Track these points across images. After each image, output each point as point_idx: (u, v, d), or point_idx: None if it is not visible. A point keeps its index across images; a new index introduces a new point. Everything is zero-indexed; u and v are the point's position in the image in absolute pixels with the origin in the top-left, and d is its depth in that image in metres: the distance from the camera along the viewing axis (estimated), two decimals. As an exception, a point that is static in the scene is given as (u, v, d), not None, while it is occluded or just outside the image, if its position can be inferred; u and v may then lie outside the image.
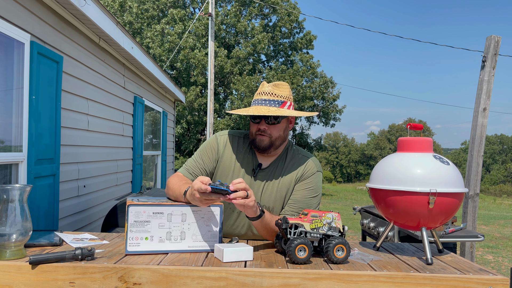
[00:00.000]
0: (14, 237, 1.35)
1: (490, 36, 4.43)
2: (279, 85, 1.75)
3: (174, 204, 1.52)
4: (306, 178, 1.79)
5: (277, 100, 1.72)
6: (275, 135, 1.75)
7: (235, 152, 1.82)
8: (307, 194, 1.78)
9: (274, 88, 1.74)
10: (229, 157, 1.81)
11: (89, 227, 4.50)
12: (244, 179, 1.75)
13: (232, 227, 1.86)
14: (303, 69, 19.77)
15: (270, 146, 1.76)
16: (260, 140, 1.75)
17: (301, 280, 1.31)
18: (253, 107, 1.73)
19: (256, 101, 1.75)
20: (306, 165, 1.81)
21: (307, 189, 1.79)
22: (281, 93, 1.73)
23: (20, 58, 3.01)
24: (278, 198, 1.79)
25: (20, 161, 3.02)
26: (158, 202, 1.52)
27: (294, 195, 1.79)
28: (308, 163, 1.82)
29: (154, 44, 18.80)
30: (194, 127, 19.22)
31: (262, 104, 1.72)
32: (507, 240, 8.62)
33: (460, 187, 1.53)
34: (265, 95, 1.73)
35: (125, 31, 4.90)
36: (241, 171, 1.80)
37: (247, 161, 1.81)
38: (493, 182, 50.29)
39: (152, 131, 7.60)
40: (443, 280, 1.33)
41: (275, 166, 1.81)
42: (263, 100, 1.72)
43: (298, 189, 1.79)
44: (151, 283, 1.30)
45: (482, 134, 4.40)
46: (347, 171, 60.49)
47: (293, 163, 1.82)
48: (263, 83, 1.79)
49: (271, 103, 1.71)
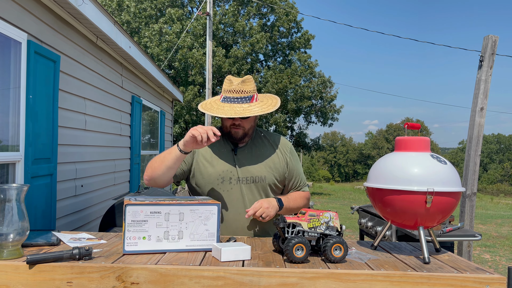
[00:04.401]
0: (11, 236, 1.34)
1: (487, 35, 4.44)
2: (246, 81, 1.90)
3: (171, 204, 1.52)
4: (290, 152, 2.04)
5: (247, 97, 1.89)
6: (247, 126, 1.93)
7: (210, 144, 1.96)
8: (297, 164, 2.05)
9: (242, 85, 1.88)
10: (204, 149, 1.96)
11: (87, 227, 4.49)
12: (226, 159, 1.94)
13: (234, 222, 1.93)
14: (301, 68, 19.78)
15: (245, 136, 1.95)
16: (235, 133, 1.92)
17: (299, 279, 1.31)
18: (228, 106, 1.87)
19: (227, 98, 1.89)
20: (282, 141, 2.05)
21: (296, 161, 2.05)
22: (249, 88, 1.89)
23: (17, 57, 3.00)
24: (269, 168, 1.96)
25: (17, 160, 3.01)
26: (155, 201, 1.52)
27: (291, 172, 2.02)
28: (282, 140, 2.06)
29: (152, 43, 18.77)
30: (192, 126, 19.21)
31: (234, 102, 1.87)
32: (504, 239, 8.65)
33: (457, 186, 1.54)
34: (235, 93, 1.88)
35: (122, 31, 4.90)
36: (220, 155, 1.95)
37: (224, 145, 1.98)
38: (490, 181, 50.44)
39: (150, 131, 7.59)
40: (440, 279, 1.33)
41: (252, 146, 2.00)
42: (234, 98, 1.88)
43: (292, 167, 2.02)
44: (148, 283, 1.30)
45: (480, 134, 4.41)
46: (345, 171, 60.57)
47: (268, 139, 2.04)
48: (230, 79, 1.90)
49: (242, 100, 1.88)
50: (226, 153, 1.95)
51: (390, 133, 57.97)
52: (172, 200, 1.56)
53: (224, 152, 1.96)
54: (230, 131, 1.93)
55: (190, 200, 1.58)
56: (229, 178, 1.91)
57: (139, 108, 6.39)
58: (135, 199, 1.52)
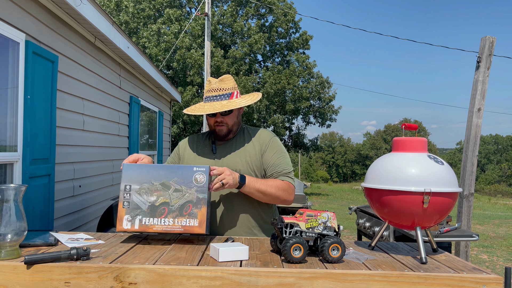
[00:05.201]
0: (9, 237, 1.34)
1: (485, 36, 4.45)
2: (224, 79, 1.98)
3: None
4: (268, 143, 2.03)
5: (226, 94, 1.96)
6: (231, 123, 2.00)
7: (194, 144, 2.11)
8: (275, 156, 2.01)
9: (220, 83, 1.96)
10: (189, 150, 2.10)
11: (85, 227, 4.49)
12: (207, 156, 2.03)
13: (226, 224, 1.95)
14: (300, 69, 19.79)
15: (229, 133, 2.03)
16: (219, 130, 2.01)
17: (297, 279, 1.32)
18: (208, 105, 1.96)
19: (207, 98, 1.98)
20: (262, 134, 2.07)
21: (276, 151, 2.02)
22: (227, 86, 1.97)
23: (15, 58, 2.99)
24: (246, 163, 1.99)
25: (15, 161, 3.01)
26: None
27: (266, 162, 2.00)
28: (259, 131, 2.09)
29: (150, 44, 18.76)
30: (190, 127, 19.20)
31: (214, 100, 1.95)
32: (501, 239, 8.67)
33: (454, 186, 1.54)
34: (214, 91, 1.96)
35: (121, 31, 4.89)
36: (203, 153, 2.05)
37: (205, 144, 2.09)
38: (488, 182, 50.54)
39: (148, 131, 7.58)
40: (437, 279, 1.34)
41: (233, 141, 2.05)
42: (213, 97, 1.96)
43: (267, 157, 2.00)
44: (146, 283, 1.30)
45: (477, 134, 4.42)
46: (343, 171, 60.61)
47: (249, 134, 2.08)
48: (209, 80, 2.00)
49: (221, 97, 1.95)
50: (207, 151, 2.05)
51: (388, 134, 58.04)
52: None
53: (206, 150, 2.06)
54: (214, 129, 2.02)
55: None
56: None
57: (137, 108, 6.39)
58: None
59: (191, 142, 2.13)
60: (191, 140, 2.15)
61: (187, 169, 1.65)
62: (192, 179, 1.63)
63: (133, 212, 1.61)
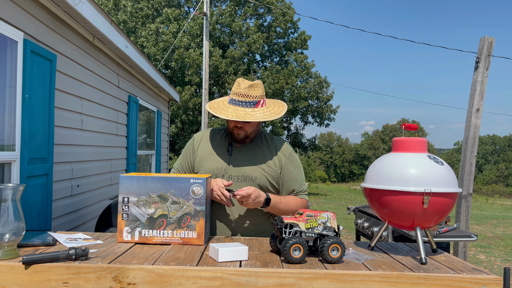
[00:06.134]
0: (7, 237, 1.34)
1: (483, 37, 4.46)
2: (253, 86, 1.93)
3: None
4: (288, 157, 2.03)
5: (252, 101, 1.93)
6: (249, 130, 1.98)
7: (210, 140, 2.07)
8: (295, 170, 2.03)
9: (249, 89, 1.92)
10: (204, 145, 2.06)
11: (83, 227, 4.47)
12: (222, 157, 2.01)
13: (223, 217, 1.99)
14: (298, 69, 19.80)
15: (246, 138, 2.01)
16: (237, 134, 1.98)
17: (296, 280, 1.31)
18: (231, 108, 1.93)
19: (232, 101, 1.95)
20: (284, 147, 2.05)
21: (295, 167, 2.03)
22: (255, 94, 1.93)
23: (13, 57, 2.98)
24: (261, 170, 1.98)
25: (13, 160, 2.99)
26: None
27: (286, 177, 2.00)
28: (284, 145, 2.06)
29: (149, 43, 18.73)
30: (188, 126, 19.18)
31: (239, 106, 1.93)
32: (499, 239, 8.69)
33: (454, 187, 1.54)
34: (241, 96, 1.93)
35: (119, 30, 4.88)
36: (216, 153, 2.02)
37: (222, 143, 2.05)
38: (485, 182, 50.67)
39: (146, 131, 7.57)
40: (437, 279, 1.33)
41: (250, 147, 2.03)
42: (239, 102, 1.93)
43: (287, 172, 2.01)
44: (145, 283, 1.30)
45: (476, 135, 4.43)
46: (341, 171, 60.67)
47: (270, 143, 2.05)
48: (239, 82, 1.95)
49: (247, 104, 1.92)
50: (223, 151, 2.02)
51: (386, 134, 58.12)
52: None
53: (221, 150, 2.03)
54: (232, 131, 1.99)
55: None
56: (221, 175, 1.98)
57: (136, 107, 6.38)
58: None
59: (208, 137, 2.09)
60: (208, 135, 2.10)
61: (184, 181, 1.64)
62: (189, 191, 1.63)
63: (133, 224, 1.63)
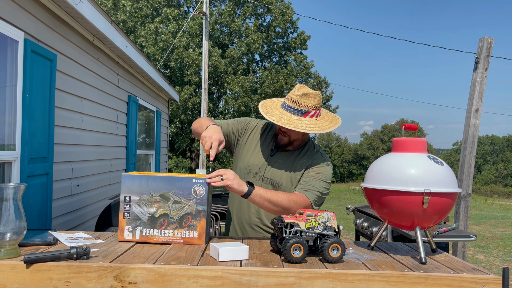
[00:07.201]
0: (8, 236, 1.34)
1: (483, 37, 4.47)
2: (308, 95, 1.88)
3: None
4: (314, 165, 1.97)
5: (301, 110, 1.88)
6: (293, 137, 1.96)
7: (261, 134, 2.07)
8: (314, 175, 1.94)
9: (301, 98, 1.87)
10: (254, 135, 2.07)
11: (82, 227, 4.48)
12: (263, 155, 2.01)
13: (242, 213, 2.03)
14: (297, 69, 19.81)
15: (289, 145, 1.99)
16: (280, 139, 1.98)
17: (297, 279, 1.32)
18: (278, 111, 1.91)
19: (285, 105, 1.92)
20: (314, 156, 2.01)
21: (315, 172, 1.95)
22: (307, 103, 1.87)
23: (13, 56, 2.98)
24: (290, 179, 1.96)
25: (13, 159, 3.00)
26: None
27: (303, 177, 1.95)
28: (317, 155, 2.02)
29: (148, 43, 18.73)
30: (187, 126, 19.18)
31: (288, 111, 1.89)
32: (498, 240, 8.70)
33: (453, 187, 1.55)
34: (292, 102, 1.89)
35: (119, 30, 4.88)
36: (261, 149, 2.03)
37: (269, 142, 2.05)
38: (484, 182, 50.72)
39: (145, 130, 7.57)
40: (436, 279, 1.34)
41: (292, 152, 2.01)
42: (289, 107, 1.90)
43: (307, 172, 1.96)
44: (146, 282, 1.30)
45: (475, 135, 4.44)
46: (340, 171, 60.67)
47: (308, 154, 2.02)
48: (297, 87, 1.91)
49: (295, 111, 1.88)
50: (267, 150, 2.03)
51: (385, 134, 58.14)
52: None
53: (266, 148, 2.03)
54: (277, 134, 1.99)
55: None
56: (255, 172, 1.99)
57: (135, 107, 6.38)
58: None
59: (261, 130, 2.08)
60: (262, 128, 2.09)
61: (186, 181, 1.64)
62: (191, 191, 1.64)
63: (134, 223, 1.64)
